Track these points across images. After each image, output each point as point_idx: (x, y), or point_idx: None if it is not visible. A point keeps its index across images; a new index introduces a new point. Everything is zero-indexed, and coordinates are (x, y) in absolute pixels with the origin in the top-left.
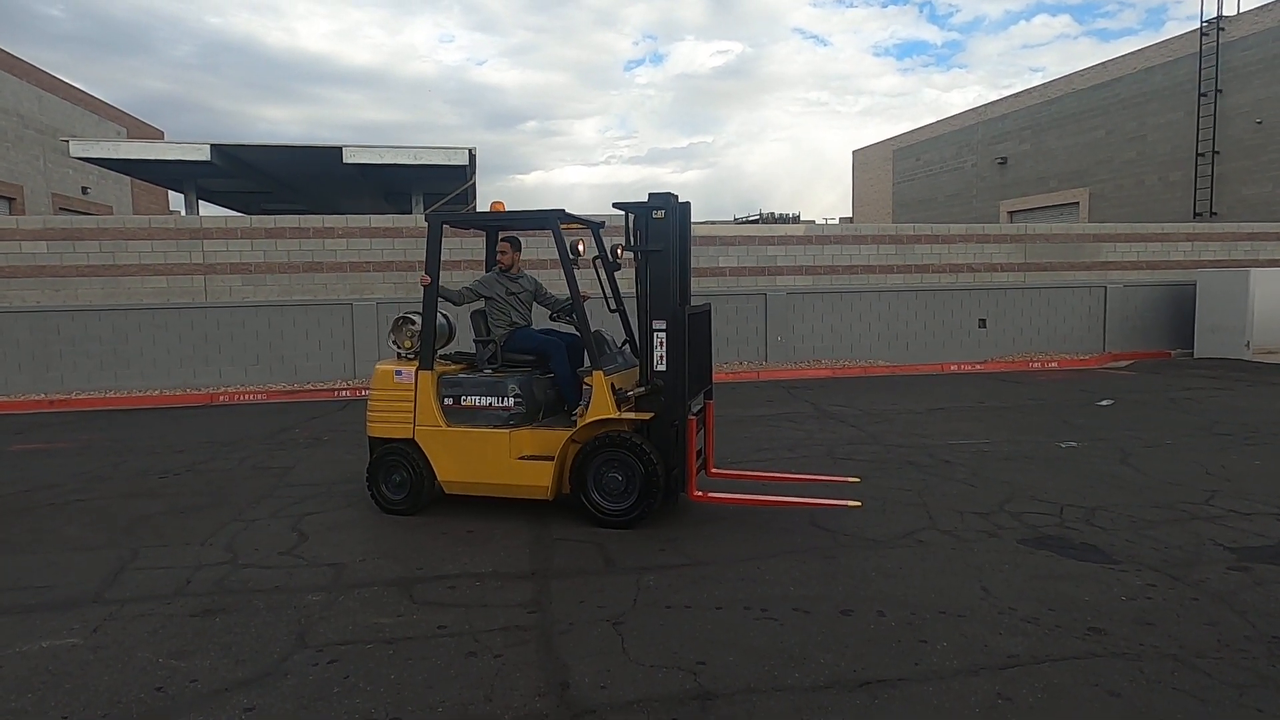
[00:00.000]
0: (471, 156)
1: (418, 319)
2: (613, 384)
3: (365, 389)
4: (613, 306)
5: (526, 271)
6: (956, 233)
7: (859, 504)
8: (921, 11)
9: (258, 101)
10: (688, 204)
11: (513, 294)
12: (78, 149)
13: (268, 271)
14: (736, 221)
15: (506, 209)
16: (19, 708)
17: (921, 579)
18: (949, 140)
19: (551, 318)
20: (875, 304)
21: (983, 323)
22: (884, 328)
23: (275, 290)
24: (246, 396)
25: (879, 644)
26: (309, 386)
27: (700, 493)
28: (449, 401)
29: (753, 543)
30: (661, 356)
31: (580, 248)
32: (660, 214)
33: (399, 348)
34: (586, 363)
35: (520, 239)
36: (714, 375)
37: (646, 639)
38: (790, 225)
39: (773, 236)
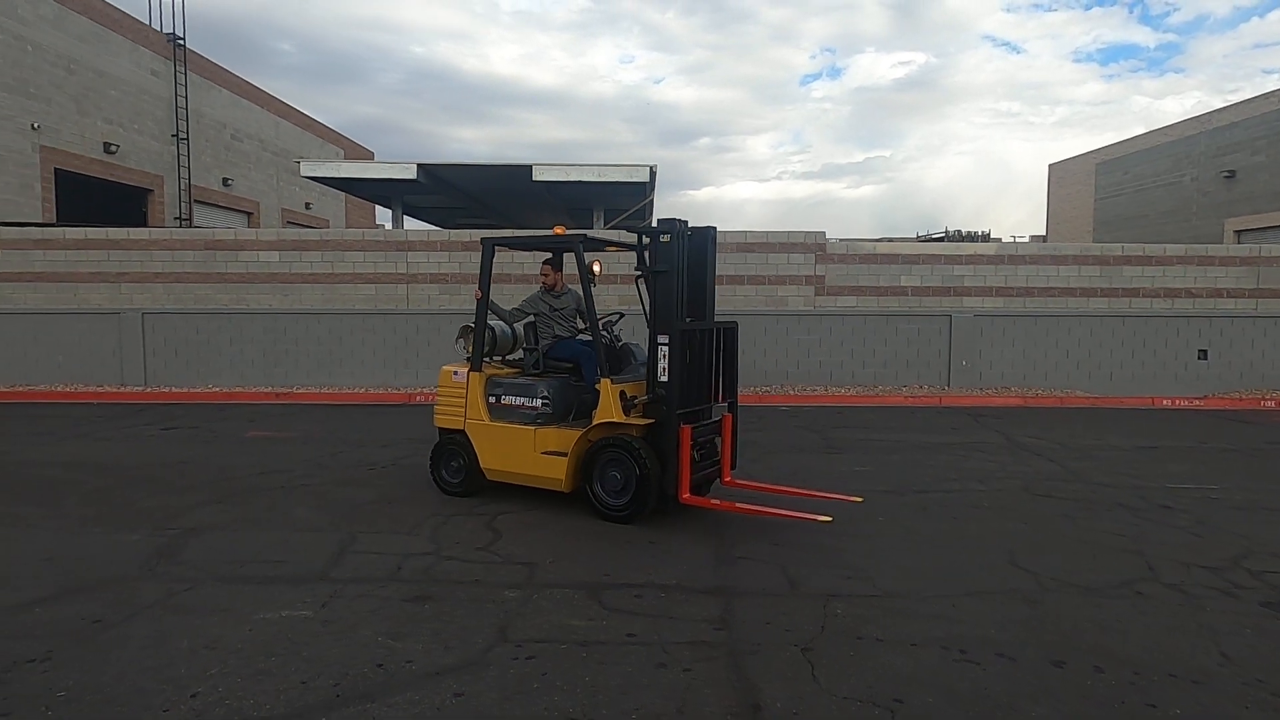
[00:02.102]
0: (652, 174)
1: (468, 329)
2: (623, 391)
3: None
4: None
5: (571, 288)
6: (1173, 254)
7: (829, 519)
8: (1131, 12)
9: (452, 123)
10: (709, 229)
11: (556, 310)
12: (307, 169)
13: (462, 281)
14: (920, 239)
15: (566, 232)
16: (265, 669)
17: (1143, 635)
18: (1163, 152)
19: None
20: (1074, 329)
21: (1203, 354)
22: (1084, 355)
23: (467, 299)
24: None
25: (1098, 703)
26: None
27: (688, 496)
28: (492, 400)
29: (947, 578)
30: (664, 368)
31: (596, 268)
32: (666, 238)
33: (466, 352)
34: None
35: (560, 260)
36: (888, 398)
37: (838, 669)
38: (979, 244)
39: (960, 255)
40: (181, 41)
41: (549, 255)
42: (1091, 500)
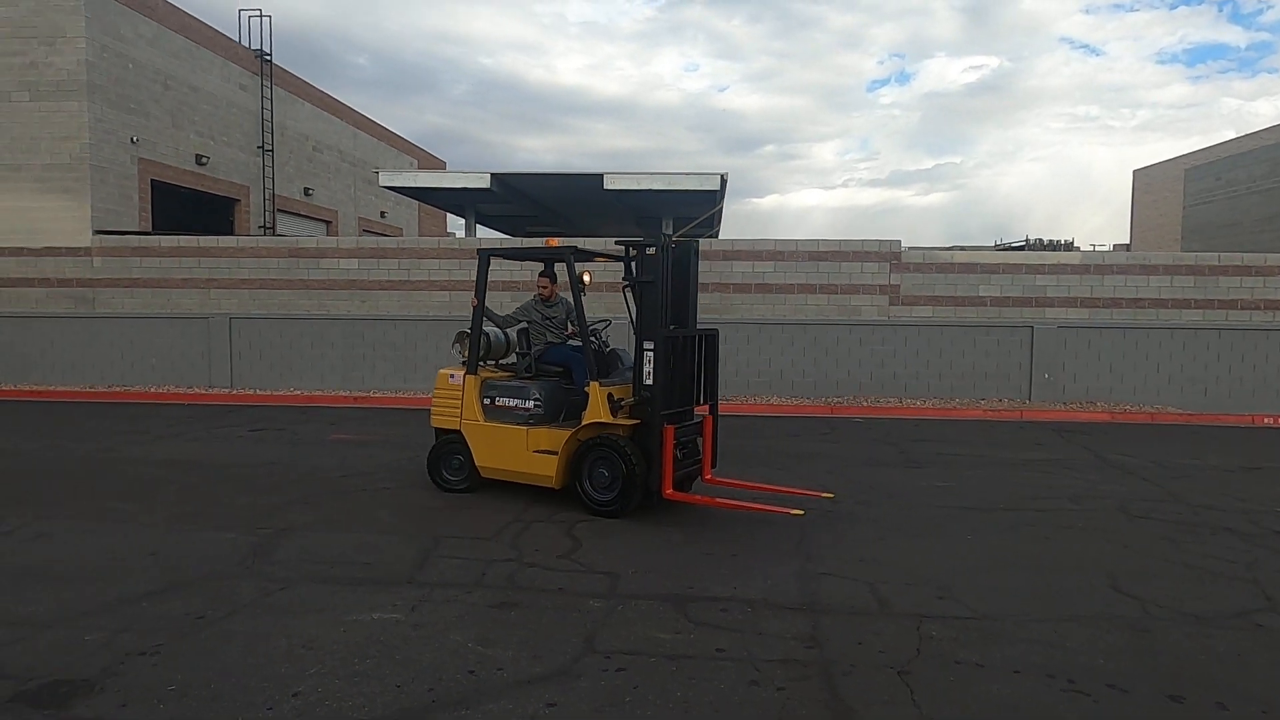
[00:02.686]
0: (723, 181)
1: (465, 334)
2: (611, 394)
3: None
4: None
5: (562, 296)
6: (1275, 264)
7: (801, 512)
8: (1221, 11)
9: (519, 133)
10: (693, 242)
11: (548, 318)
12: (385, 179)
13: (532, 289)
14: (998, 248)
15: (559, 244)
16: (361, 670)
17: (1270, 672)
18: (1258, 156)
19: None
20: (1166, 343)
21: None
22: (1176, 370)
23: None
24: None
25: None
26: None
27: (671, 492)
28: (487, 401)
29: (1045, 602)
30: (649, 372)
31: (586, 278)
32: (652, 250)
33: (461, 356)
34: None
35: (556, 273)
36: (966, 411)
37: (939, 695)
38: (1063, 253)
39: (1042, 265)
40: (268, 57)
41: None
42: (1195, 523)
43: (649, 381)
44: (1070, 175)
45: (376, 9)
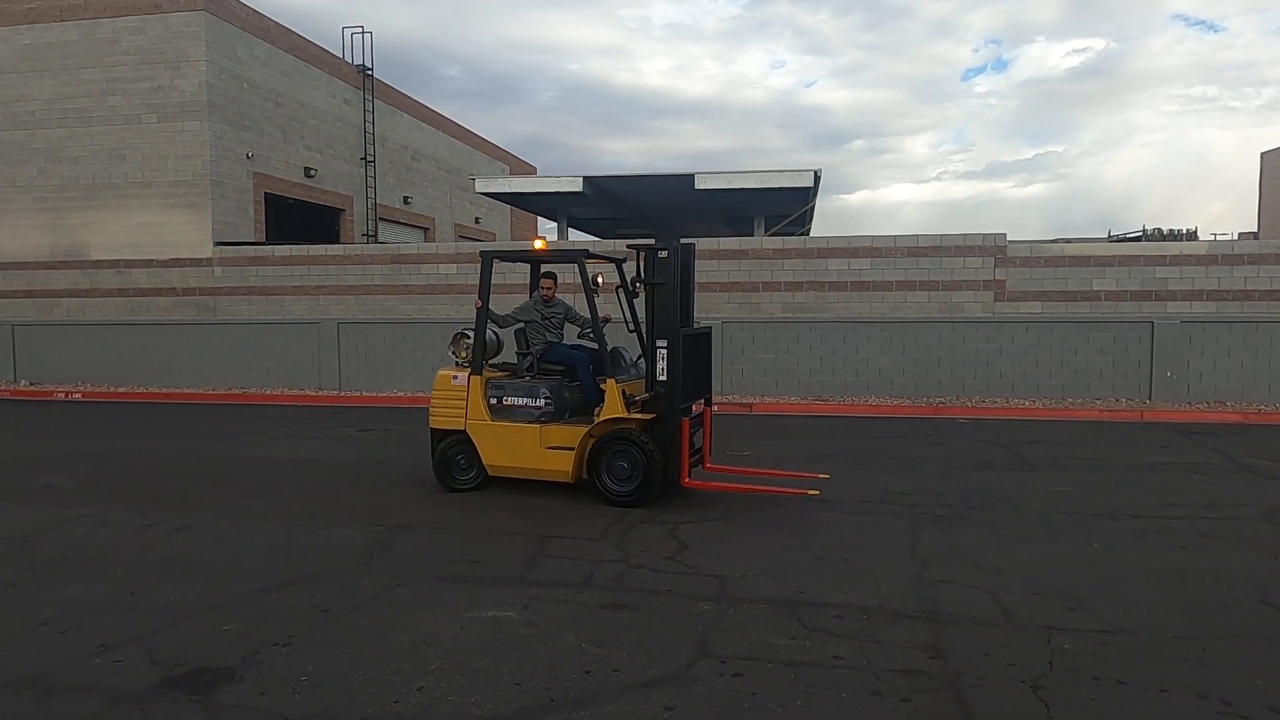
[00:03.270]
0: (816, 178)
1: (471, 334)
2: (624, 390)
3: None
4: (631, 328)
5: (559, 298)
6: None
7: (817, 492)
8: None
9: (605, 136)
10: (690, 245)
11: (547, 318)
12: (481, 185)
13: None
14: (1112, 239)
15: (550, 247)
16: (481, 667)
17: None
18: None
19: (580, 335)
20: None
21: None
22: None
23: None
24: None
25: None
26: None
27: (689, 480)
28: (493, 401)
29: (1187, 616)
30: (663, 369)
31: (599, 280)
32: (664, 254)
33: (457, 357)
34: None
35: (557, 273)
36: (1080, 412)
37: (1079, 713)
38: (1185, 243)
39: (1163, 256)
40: (370, 72)
41: (543, 271)
42: None
43: (663, 378)
44: (1186, 161)
45: (467, 22)
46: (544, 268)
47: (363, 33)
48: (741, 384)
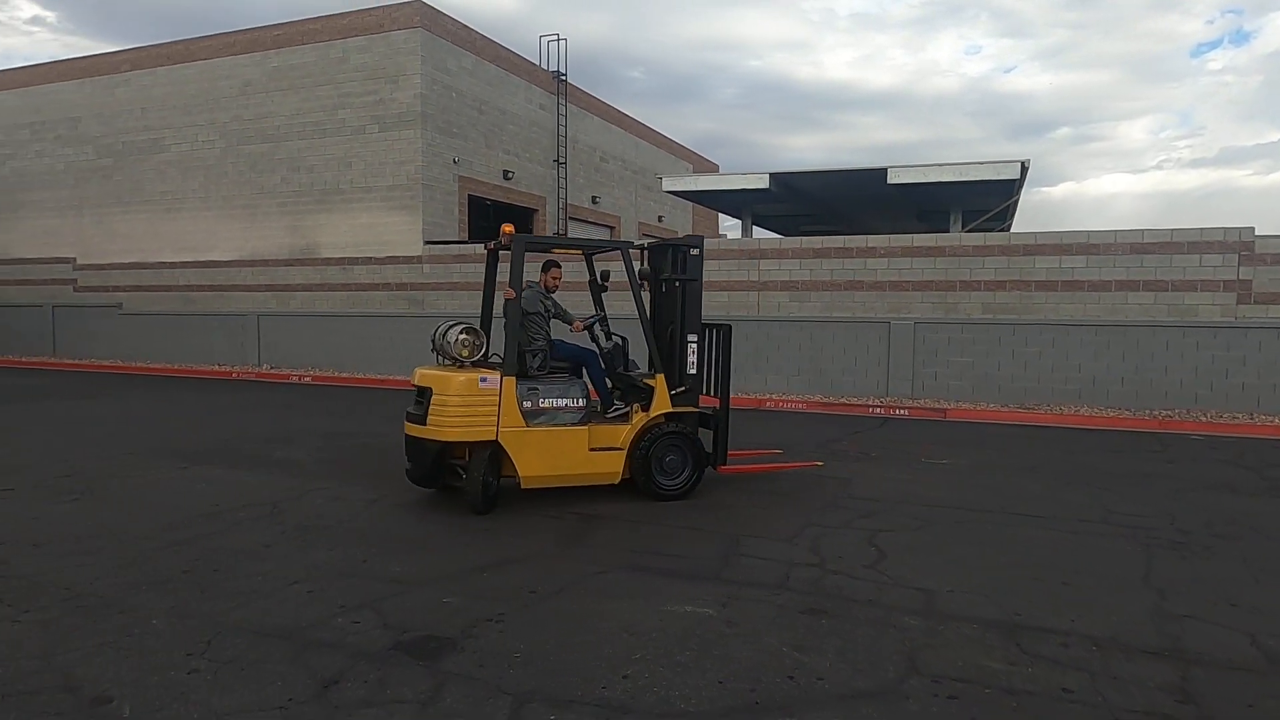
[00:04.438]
0: (1023, 169)
1: (478, 332)
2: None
3: (899, 408)
4: (647, 321)
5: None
6: None
7: (820, 463)
8: None
9: (786, 132)
10: (700, 239)
11: (547, 310)
12: (668, 184)
13: (812, 289)
14: None
15: (527, 233)
16: (683, 662)
17: None
18: None
19: (584, 329)
20: None
21: None
22: None
23: (818, 307)
24: (789, 404)
25: None
26: (843, 400)
27: (723, 466)
28: (526, 405)
29: None
30: (693, 362)
31: (607, 275)
32: (695, 251)
33: (458, 355)
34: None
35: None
36: None
37: None
38: None
39: None
40: (564, 77)
41: (550, 258)
42: None
43: (693, 371)
44: None
45: (650, 24)
46: (546, 257)
47: (557, 40)
48: (934, 388)
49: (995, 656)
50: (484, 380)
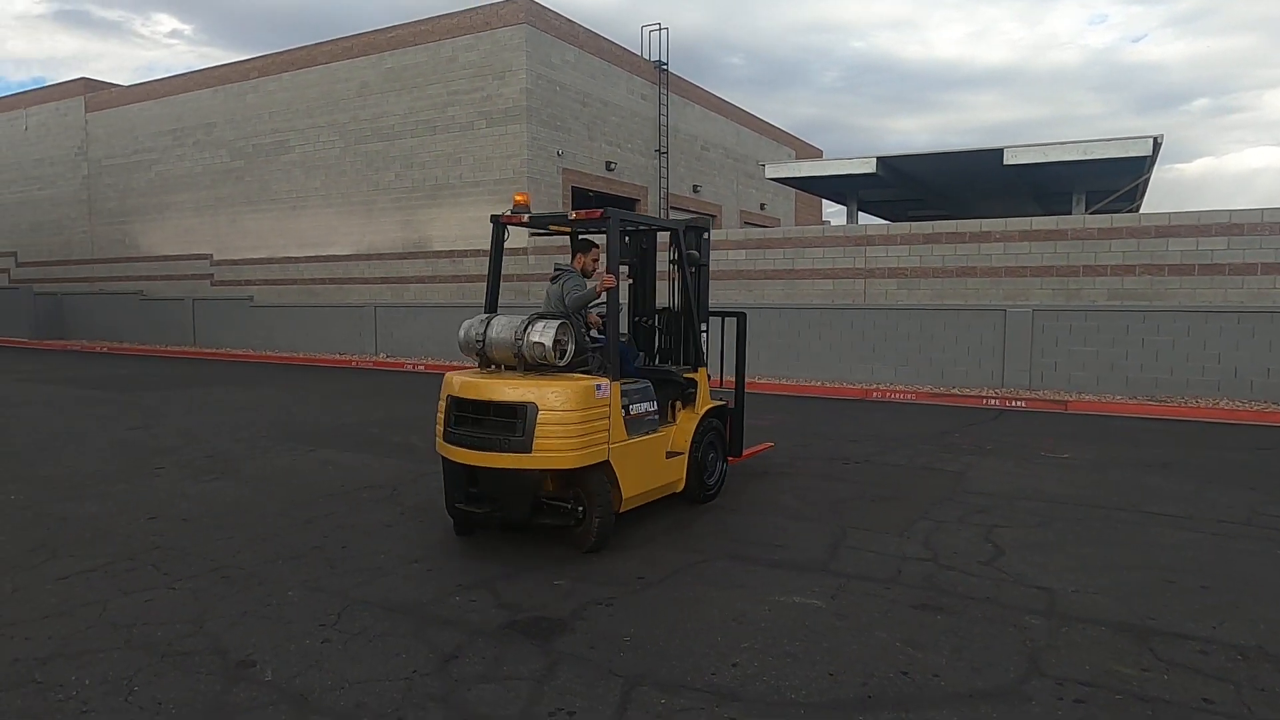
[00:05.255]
0: (1155, 145)
1: (570, 326)
2: None
3: (1016, 399)
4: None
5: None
6: None
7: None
8: None
9: (890, 114)
10: (711, 218)
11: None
12: (770, 171)
13: (921, 276)
14: None
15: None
16: (792, 653)
17: None
18: None
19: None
20: None
21: None
22: None
23: (928, 294)
24: (896, 395)
25: None
26: (955, 391)
27: (732, 457)
28: (626, 414)
29: None
30: (704, 351)
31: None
32: (708, 235)
33: (550, 362)
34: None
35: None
36: None
37: None
38: None
39: None
40: (665, 66)
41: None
42: None
43: (704, 361)
44: None
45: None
46: (582, 236)
47: (659, 29)
48: (1054, 379)
49: (1126, 661)
50: (600, 389)
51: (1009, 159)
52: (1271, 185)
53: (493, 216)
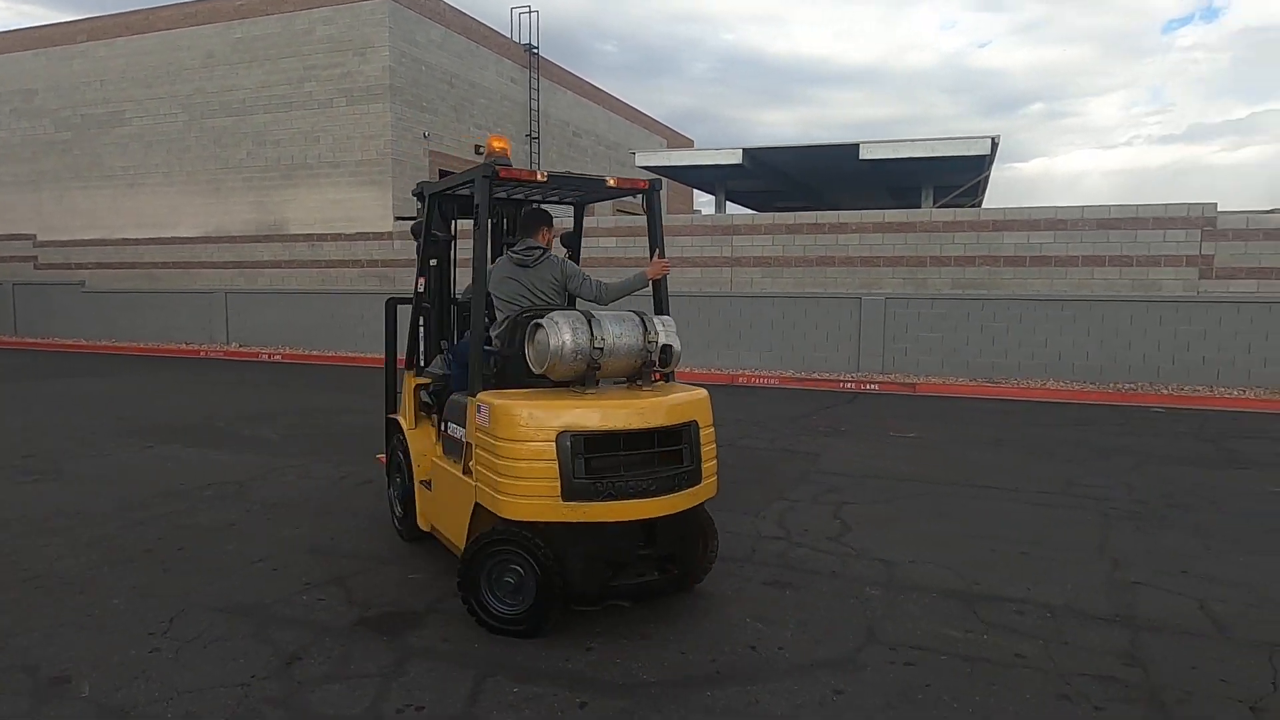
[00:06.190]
0: (993, 145)
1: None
2: None
3: (870, 383)
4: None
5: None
6: None
7: None
8: None
9: (760, 107)
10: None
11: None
12: (640, 159)
13: (784, 265)
14: None
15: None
16: (645, 634)
17: None
18: None
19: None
20: None
21: None
22: None
23: (790, 283)
24: (761, 380)
25: None
26: (815, 376)
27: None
28: None
29: None
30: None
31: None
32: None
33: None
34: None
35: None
36: None
37: None
38: None
39: None
40: (535, 50)
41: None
42: None
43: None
44: None
45: None
46: (540, 206)
47: (529, 11)
48: (904, 363)
49: (953, 625)
50: None
51: (864, 154)
52: (1097, 185)
53: (485, 172)
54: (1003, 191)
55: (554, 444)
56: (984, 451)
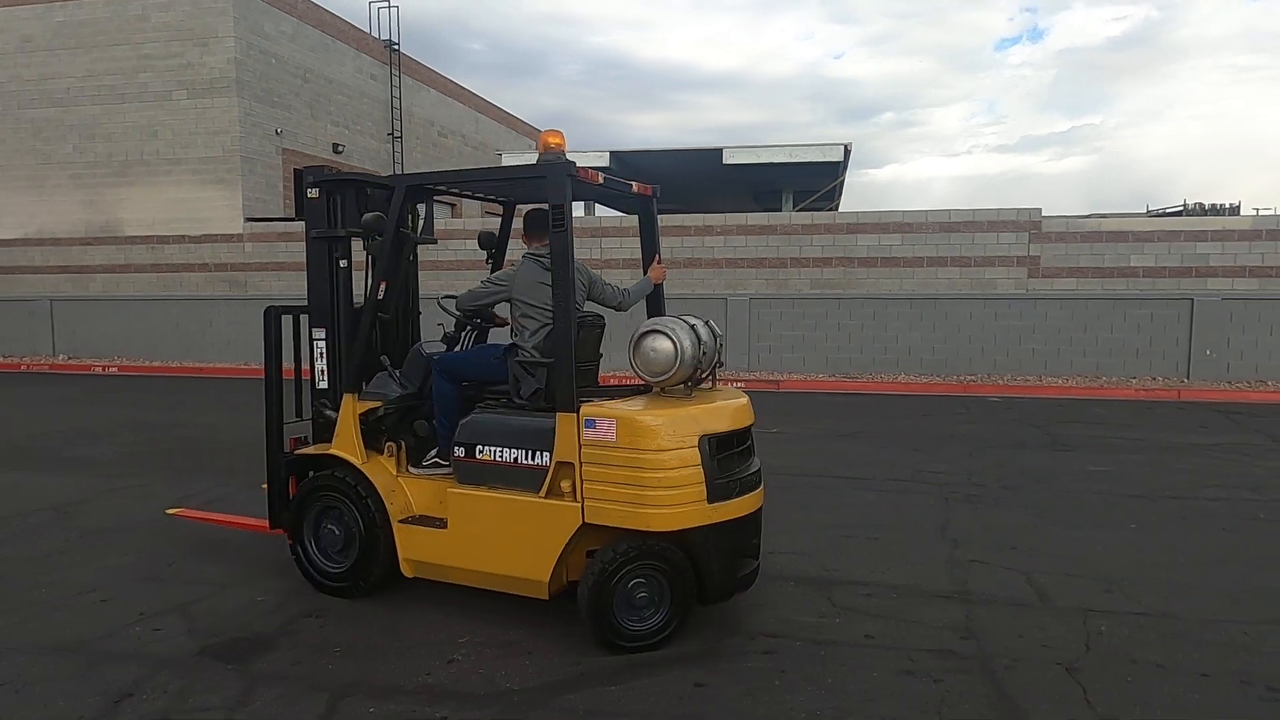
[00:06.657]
0: (846, 152)
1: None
2: None
3: (736, 381)
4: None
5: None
6: None
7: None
8: None
9: (630, 110)
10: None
11: None
12: (507, 160)
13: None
14: (1151, 214)
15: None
16: (512, 640)
17: None
18: None
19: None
20: None
21: None
22: None
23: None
24: (630, 381)
25: None
26: None
27: None
28: None
29: (1233, 600)
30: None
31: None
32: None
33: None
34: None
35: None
36: (1115, 390)
37: (1116, 696)
38: (1229, 218)
39: (1205, 231)
40: (396, 46)
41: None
42: None
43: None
44: (1229, 133)
45: None
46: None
47: (389, 7)
48: (769, 361)
49: (808, 611)
50: None
51: (727, 159)
52: (943, 190)
53: (568, 170)
54: (859, 197)
55: (698, 449)
56: (842, 443)
